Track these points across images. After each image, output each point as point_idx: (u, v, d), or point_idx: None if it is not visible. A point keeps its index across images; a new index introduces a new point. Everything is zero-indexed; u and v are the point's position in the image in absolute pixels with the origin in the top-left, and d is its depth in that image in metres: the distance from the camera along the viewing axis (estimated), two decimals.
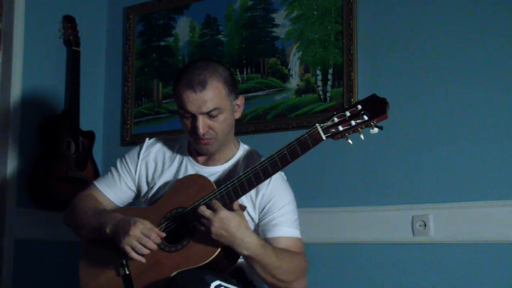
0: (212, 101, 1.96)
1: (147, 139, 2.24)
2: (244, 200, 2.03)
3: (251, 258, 1.90)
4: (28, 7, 3.24)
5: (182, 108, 1.99)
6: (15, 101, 3.15)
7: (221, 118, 2.00)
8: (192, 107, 1.96)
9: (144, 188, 2.20)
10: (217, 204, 1.89)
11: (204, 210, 1.88)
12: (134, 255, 1.93)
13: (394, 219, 2.72)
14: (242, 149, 2.16)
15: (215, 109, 1.97)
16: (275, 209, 2.03)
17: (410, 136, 2.75)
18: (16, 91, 3.16)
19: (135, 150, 2.23)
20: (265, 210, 2.05)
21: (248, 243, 1.88)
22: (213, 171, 2.10)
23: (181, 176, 2.11)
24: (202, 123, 1.97)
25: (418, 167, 2.71)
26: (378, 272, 2.75)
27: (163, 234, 1.97)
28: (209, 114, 1.97)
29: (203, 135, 1.99)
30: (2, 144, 3.13)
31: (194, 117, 1.98)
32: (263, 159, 1.96)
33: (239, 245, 1.88)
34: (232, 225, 1.86)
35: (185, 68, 2.03)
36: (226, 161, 2.12)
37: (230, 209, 1.91)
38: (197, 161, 2.14)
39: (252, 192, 2.02)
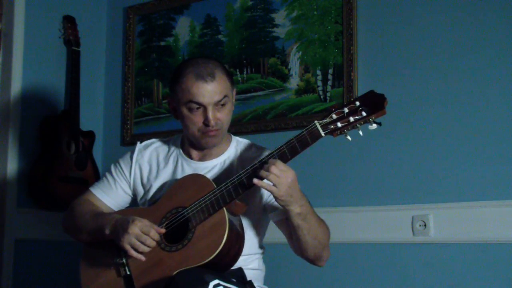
0: (222, 91, 2.01)
1: (138, 142, 2.25)
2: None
3: (302, 216, 1.91)
4: (28, 7, 3.24)
5: (192, 101, 2.00)
6: (15, 101, 3.15)
7: (227, 108, 2.04)
8: (203, 99, 1.99)
9: (140, 191, 2.20)
10: (282, 163, 1.88)
11: (279, 164, 1.86)
12: (133, 253, 1.93)
13: (394, 219, 2.72)
14: (235, 141, 2.17)
15: (224, 97, 2.01)
16: None
17: (410, 136, 2.75)
18: (16, 91, 3.17)
19: (128, 154, 2.24)
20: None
21: (303, 200, 1.91)
22: (210, 165, 2.11)
23: (178, 175, 2.11)
24: (213, 113, 2.00)
25: (418, 167, 2.71)
26: (378, 272, 2.75)
27: (163, 230, 1.96)
28: (219, 104, 2.01)
29: (213, 126, 2.01)
30: (2, 144, 3.13)
31: (204, 109, 2.01)
32: (266, 153, 1.97)
33: (297, 202, 1.89)
34: (296, 182, 1.88)
35: (187, 64, 2.05)
36: (222, 154, 2.13)
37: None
38: (192, 158, 2.14)
39: None
